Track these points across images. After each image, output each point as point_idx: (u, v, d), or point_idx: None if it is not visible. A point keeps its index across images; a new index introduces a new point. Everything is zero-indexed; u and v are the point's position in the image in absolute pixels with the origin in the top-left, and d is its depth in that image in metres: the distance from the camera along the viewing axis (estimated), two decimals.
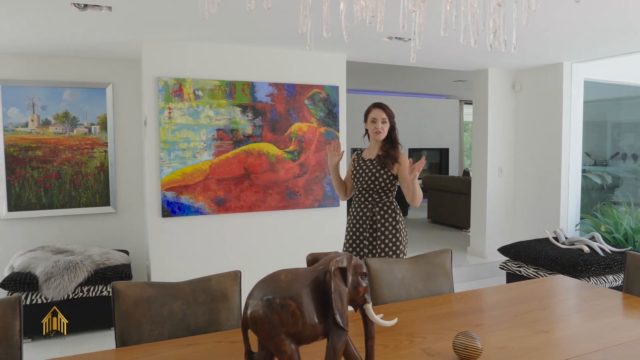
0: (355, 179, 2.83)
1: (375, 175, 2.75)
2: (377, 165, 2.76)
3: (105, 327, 3.70)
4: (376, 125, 2.78)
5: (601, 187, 6.67)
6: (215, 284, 2.00)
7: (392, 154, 2.77)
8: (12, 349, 1.67)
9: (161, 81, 3.74)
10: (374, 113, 2.81)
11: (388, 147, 2.78)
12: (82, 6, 2.90)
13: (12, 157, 4.19)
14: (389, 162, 2.75)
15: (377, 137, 2.79)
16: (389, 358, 1.58)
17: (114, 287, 1.84)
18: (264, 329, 1.22)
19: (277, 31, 3.56)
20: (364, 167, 2.81)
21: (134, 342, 1.80)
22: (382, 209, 2.77)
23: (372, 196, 2.78)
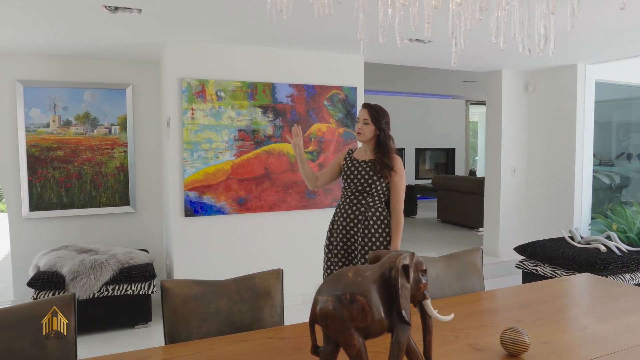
0: (349, 179, 2.73)
1: (373, 178, 2.67)
2: (370, 171, 2.68)
3: (129, 326, 3.75)
4: (358, 124, 2.71)
5: (609, 187, 6.73)
6: (259, 281, 2.04)
7: (387, 163, 2.67)
8: (67, 345, 1.71)
9: (184, 82, 3.78)
10: (359, 112, 2.74)
11: (381, 155, 2.68)
12: (113, 8, 2.95)
13: (33, 157, 4.22)
14: (386, 172, 2.67)
15: (358, 137, 2.72)
16: (439, 353, 1.62)
17: (163, 285, 1.89)
18: (335, 323, 1.26)
19: (298, 33, 3.61)
20: (359, 168, 2.71)
21: (183, 339, 1.84)
22: (375, 214, 2.70)
23: (366, 199, 2.69)
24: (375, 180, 2.67)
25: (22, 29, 3.39)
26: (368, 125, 2.68)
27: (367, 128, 2.68)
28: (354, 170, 2.72)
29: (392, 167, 2.67)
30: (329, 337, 1.34)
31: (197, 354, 1.62)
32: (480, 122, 13.42)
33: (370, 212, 2.69)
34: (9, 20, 3.15)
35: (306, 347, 1.68)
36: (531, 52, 1.84)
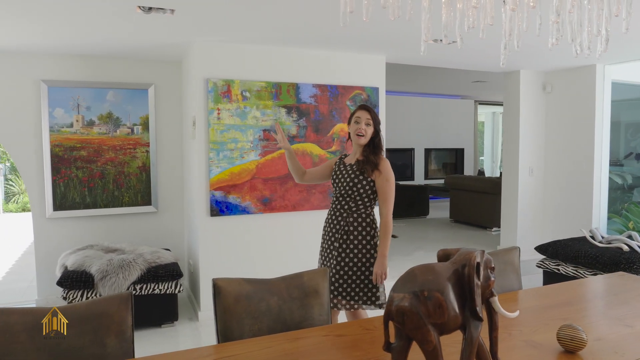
0: (335, 183, 2.69)
1: (354, 180, 2.58)
2: (356, 171, 2.60)
3: (156, 325, 3.76)
4: (359, 126, 2.59)
5: (621, 187, 6.76)
6: (307, 280, 2.06)
7: (372, 159, 2.58)
8: (126, 342, 1.73)
9: (210, 82, 3.79)
10: (358, 114, 2.63)
11: (368, 153, 2.60)
12: (147, 9, 2.96)
13: (57, 157, 4.24)
14: (369, 168, 2.57)
15: (358, 140, 2.60)
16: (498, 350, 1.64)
17: (215, 284, 1.90)
18: (412, 320, 1.28)
19: (321, 33, 3.62)
20: (343, 172, 2.65)
21: (236, 337, 1.86)
22: (357, 220, 2.59)
23: (349, 204, 2.60)
24: (358, 181, 2.58)
25: (51, 30, 3.41)
26: (370, 127, 2.61)
27: (369, 130, 2.60)
28: (339, 173, 2.67)
29: (377, 165, 2.56)
30: (401, 334, 1.35)
31: (257, 352, 1.64)
32: (487, 122, 13.45)
33: (352, 217, 2.59)
34: (39, 20, 3.17)
35: (364, 344, 1.70)
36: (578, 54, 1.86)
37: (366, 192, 2.59)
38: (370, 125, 2.61)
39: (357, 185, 2.58)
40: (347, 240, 2.59)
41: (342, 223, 2.61)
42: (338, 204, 2.65)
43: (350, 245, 2.58)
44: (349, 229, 2.59)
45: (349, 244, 2.59)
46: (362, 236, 2.59)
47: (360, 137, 2.59)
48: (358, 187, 2.58)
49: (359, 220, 2.59)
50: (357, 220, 2.59)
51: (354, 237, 2.59)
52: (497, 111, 13.12)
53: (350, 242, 2.58)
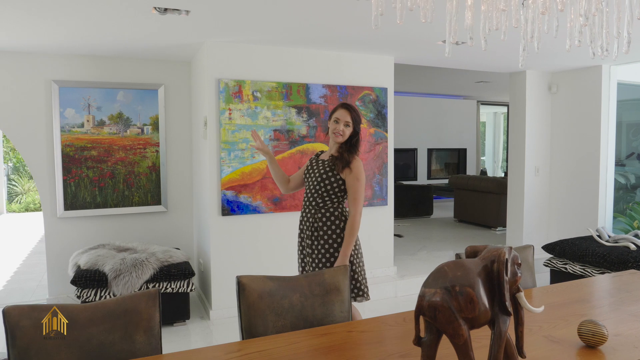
0: (306, 178, 2.67)
1: (323, 176, 2.55)
2: (326, 167, 2.57)
3: (168, 324, 3.79)
4: (337, 126, 2.56)
5: (624, 187, 6.81)
6: (328, 277, 2.09)
7: (345, 156, 2.55)
8: (154, 338, 1.76)
9: (222, 83, 3.82)
10: (338, 113, 2.59)
11: (344, 150, 2.57)
12: (163, 10, 2.99)
13: (68, 157, 4.26)
14: (340, 164, 2.53)
15: (336, 139, 2.57)
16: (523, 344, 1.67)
17: (240, 281, 1.93)
18: (444, 314, 1.31)
19: (331, 34, 3.65)
20: (315, 168, 2.63)
21: (260, 333, 1.89)
22: (325, 215, 2.55)
23: (317, 200, 2.57)
24: (327, 177, 2.55)
25: (63, 30, 3.43)
26: (349, 127, 2.57)
27: (347, 130, 2.57)
28: (311, 169, 2.65)
29: (348, 163, 2.53)
30: (431, 328, 1.38)
31: (285, 347, 1.67)
32: (488, 123, 13.49)
33: (320, 213, 2.56)
34: (52, 20, 3.20)
35: (388, 340, 1.74)
36: (596, 56, 1.89)
37: (333, 189, 2.55)
38: (350, 126, 2.57)
39: (325, 181, 2.54)
40: (318, 237, 2.56)
41: (311, 220, 2.58)
42: (307, 200, 2.63)
43: (320, 240, 2.55)
44: (317, 225, 2.56)
45: (319, 240, 2.55)
46: (332, 230, 2.54)
47: (338, 136, 2.56)
48: (326, 182, 2.54)
49: (327, 215, 2.55)
50: (326, 215, 2.55)
51: (324, 232, 2.54)
52: (498, 111, 13.17)
53: (320, 237, 2.55)
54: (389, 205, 4.52)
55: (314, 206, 2.58)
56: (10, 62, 4.09)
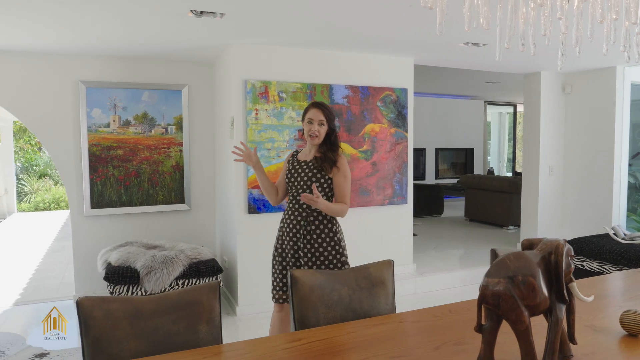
0: (290, 182, 2.61)
1: (312, 179, 2.53)
2: (313, 169, 2.54)
3: None
4: (312, 127, 2.52)
5: (634, 187, 6.90)
6: (373, 271, 2.18)
7: (330, 156, 2.53)
8: (215, 328, 1.84)
9: (249, 83, 3.91)
10: (311, 113, 2.54)
11: (325, 150, 2.54)
12: (199, 13, 3.07)
13: (95, 157, 4.34)
14: (327, 165, 2.51)
15: (312, 140, 2.53)
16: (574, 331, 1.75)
17: (292, 274, 2.01)
18: (507, 302, 1.39)
19: (354, 36, 3.73)
20: (299, 170, 2.58)
21: (312, 324, 1.97)
22: (317, 219, 2.54)
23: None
24: (316, 179, 2.52)
25: (94, 32, 3.50)
26: (324, 126, 2.53)
27: (322, 129, 2.53)
28: (294, 173, 2.59)
29: (335, 162, 2.52)
30: (492, 316, 1.47)
31: (343, 336, 1.75)
32: (494, 123, 13.58)
33: (312, 216, 2.54)
34: (84, 23, 3.28)
35: (440, 329, 1.82)
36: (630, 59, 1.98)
37: (324, 189, 2.54)
38: (324, 124, 2.53)
39: (315, 183, 2.52)
40: (312, 240, 2.53)
41: (303, 223, 2.54)
42: (296, 203, 2.58)
43: (314, 244, 2.53)
44: (311, 228, 2.54)
45: (313, 243, 2.53)
46: (325, 234, 2.55)
47: (314, 137, 2.53)
48: (316, 185, 2.52)
49: (320, 218, 2.54)
50: (318, 219, 2.54)
51: (317, 235, 2.54)
52: (503, 111, 13.26)
53: (314, 241, 2.53)
54: (408, 204, 4.60)
55: (305, 209, 2.55)
56: (40, 63, 4.17)
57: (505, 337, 1.55)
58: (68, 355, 3.32)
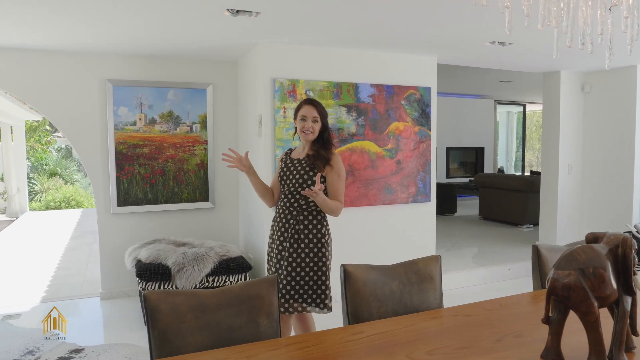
0: (283, 181, 2.57)
1: (304, 177, 2.48)
2: (306, 167, 2.50)
3: None
4: (305, 124, 2.50)
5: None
6: (422, 266, 2.21)
7: (322, 154, 2.50)
8: (274, 322, 1.87)
9: (277, 82, 3.94)
10: (304, 110, 2.52)
11: (318, 148, 2.51)
12: (235, 12, 3.10)
13: (121, 155, 4.38)
14: (320, 163, 2.48)
15: (306, 137, 2.52)
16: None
17: (345, 269, 2.04)
18: (578, 294, 1.42)
19: (379, 35, 3.75)
20: (291, 168, 2.54)
21: (365, 318, 2.00)
22: (307, 218, 2.50)
23: (298, 202, 2.50)
24: (308, 177, 2.48)
25: (122, 30, 3.52)
26: (317, 123, 2.52)
27: (316, 126, 2.52)
28: (286, 171, 2.56)
29: (328, 160, 2.50)
30: (559, 307, 1.50)
31: (402, 329, 1.78)
32: (502, 122, 13.61)
33: (302, 215, 2.51)
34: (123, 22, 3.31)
35: (495, 322, 1.85)
36: None
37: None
38: (318, 121, 2.52)
39: (307, 181, 2.48)
40: (299, 240, 2.49)
41: (292, 222, 2.51)
42: (287, 202, 2.54)
43: (301, 244, 2.49)
44: (300, 227, 2.50)
45: (300, 243, 2.49)
46: (313, 234, 2.50)
47: (308, 134, 2.51)
48: (308, 183, 2.48)
49: (310, 218, 2.50)
50: (308, 219, 2.50)
51: (305, 235, 2.50)
52: (511, 110, 13.28)
53: (302, 241, 2.49)
54: (431, 202, 4.64)
55: (296, 207, 2.51)
56: (68, 62, 4.20)
57: (573, 328, 1.58)
58: (103, 351, 3.36)
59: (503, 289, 4.46)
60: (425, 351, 1.58)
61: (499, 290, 4.41)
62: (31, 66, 4.11)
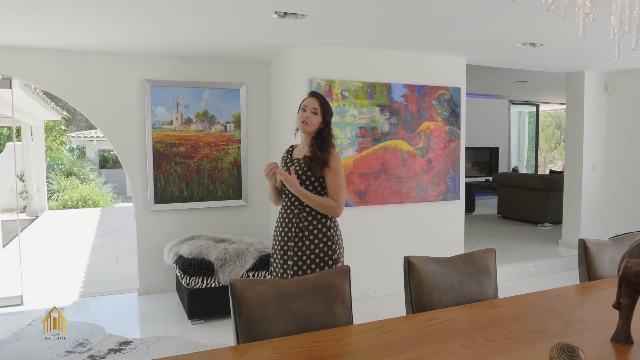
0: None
1: (302, 177, 2.43)
2: (304, 167, 2.45)
3: None
4: (304, 113, 2.45)
5: None
6: (478, 258, 2.30)
7: (319, 156, 2.42)
8: (347, 309, 1.97)
9: (314, 82, 4.04)
10: (306, 101, 2.48)
11: (316, 149, 2.44)
12: (282, 14, 3.21)
13: (158, 153, 4.49)
14: (317, 167, 2.41)
15: (302, 127, 2.45)
16: None
17: (409, 261, 2.14)
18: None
19: (411, 36, 3.85)
20: (290, 168, 2.49)
21: (428, 307, 2.09)
22: (311, 214, 2.45)
23: (299, 199, 2.44)
24: (306, 178, 2.43)
25: (162, 31, 3.62)
26: (317, 115, 2.45)
27: (315, 118, 2.44)
28: (286, 170, 2.50)
29: (326, 162, 2.42)
30: (630, 293, 1.60)
31: (473, 316, 1.88)
32: (513, 122, 13.68)
33: (305, 212, 2.46)
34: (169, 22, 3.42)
35: (560, 310, 1.94)
36: None
37: (315, 188, 2.45)
38: (318, 114, 2.45)
39: (305, 182, 2.43)
40: (303, 238, 2.45)
41: (295, 220, 2.47)
42: (288, 201, 2.49)
43: (305, 241, 2.45)
44: (303, 224, 2.45)
45: (304, 241, 2.45)
46: (318, 229, 2.46)
47: (305, 124, 2.44)
48: (307, 183, 2.43)
49: (313, 213, 2.46)
50: (311, 214, 2.46)
51: (309, 232, 2.45)
52: (523, 110, 13.36)
53: (306, 238, 2.45)
54: (460, 200, 4.73)
55: (297, 206, 2.47)
56: (108, 63, 4.31)
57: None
58: (151, 343, 3.46)
59: (531, 285, 4.55)
60: (502, 335, 1.68)
61: (528, 286, 4.50)
62: (73, 67, 4.22)
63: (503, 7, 3.09)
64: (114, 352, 3.32)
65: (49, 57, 4.14)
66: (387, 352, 1.56)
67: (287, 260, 2.51)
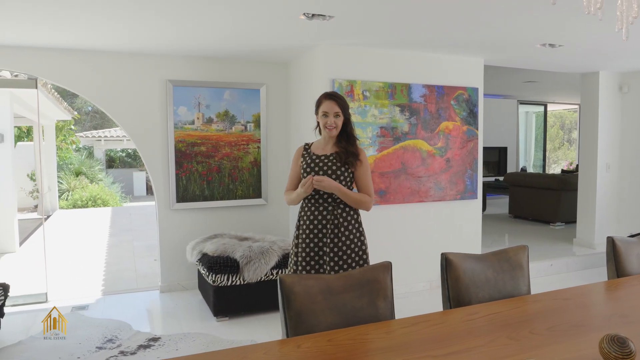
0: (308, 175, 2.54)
1: (337, 173, 2.51)
2: (337, 162, 2.52)
3: None
4: (328, 119, 2.52)
5: None
6: (512, 255, 2.35)
7: (351, 150, 2.53)
8: (390, 304, 2.02)
9: (336, 82, 4.09)
10: (325, 105, 2.53)
11: (345, 145, 2.53)
12: (310, 16, 3.26)
13: (180, 152, 4.54)
14: (352, 160, 2.52)
15: (330, 133, 2.53)
16: None
17: (447, 257, 2.19)
18: None
19: (430, 36, 3.89)
20: (320, 165, 2.54)
21: (466, 303, 2.14)
22: (345, 210, 2.54)
23: (332, 196, 2.52)
24: (340, 173, 2.51)
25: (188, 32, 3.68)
26: (339, 117, 2.53)
27: (339, 121, 2.53)
28: (314, 167, 2.54)
29: (357, 155, 2.54)
30: None
31: (513, 310, 1.93)
32: (521, 122, 13.72)
33: (340, 208, 2.54)
34: (197, 23, 3.48)
35: (598, 305, 2.00)
36: None
37: (347, 183, 2.54)
38: (340, 116, 2.53)
39: (339, 177, 2.51)
40: (339, 234, 2.52)
41: (329, 217, 2.53)
42: (319, 198, 2.53)
43: (342, 237, 2.53)
44: (339, 220, 2.52)
45: (340, 236, 2.53)
46: (352, 225, 2.56)
47: (332, 129, 2.53)
48: (341, 179, 2.51)
49: (347, 209, 2.55)
50: (345, 210, 2.54)
51: (345, 228, 2.53)
52: (530, 110, 13.40)
53: (342, 234, 2.53)
54: (478, 199, 4.78)
55: (330, 203, 2.53)
56: (131, 63, 4.37)
57: None
58: (179, 339, 3.52)
59: (549, 283, 4.59)
60: (545, 327, 1.73)
61: (546, 284, 4.54)
62: (97, 67, 4.28)
63: (526, 8, 3.14)
64: (144, 348, 3.38)
65: (73, 57, 4.20)
66: (438, 344, 1.61)
67: (322, 256, 2.57)
